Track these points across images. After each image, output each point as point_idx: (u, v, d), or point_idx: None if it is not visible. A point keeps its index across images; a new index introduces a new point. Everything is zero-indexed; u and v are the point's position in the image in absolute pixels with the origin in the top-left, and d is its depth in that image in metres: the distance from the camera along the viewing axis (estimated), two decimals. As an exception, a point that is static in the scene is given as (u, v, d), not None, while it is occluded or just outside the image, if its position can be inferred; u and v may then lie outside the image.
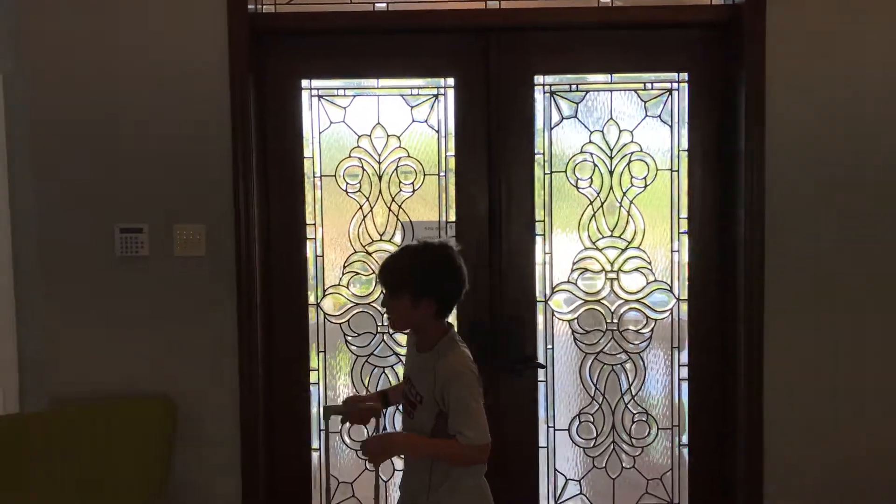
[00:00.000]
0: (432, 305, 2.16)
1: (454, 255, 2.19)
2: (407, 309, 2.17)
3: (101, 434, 2.65)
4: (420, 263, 2.18)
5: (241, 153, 2.83)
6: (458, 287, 2.20)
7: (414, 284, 2.14)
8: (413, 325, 2.25)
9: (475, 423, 2.12)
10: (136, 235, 2.83)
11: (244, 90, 2.83)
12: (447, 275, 2.18)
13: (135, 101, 2.83)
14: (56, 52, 2.84)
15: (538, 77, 3.01)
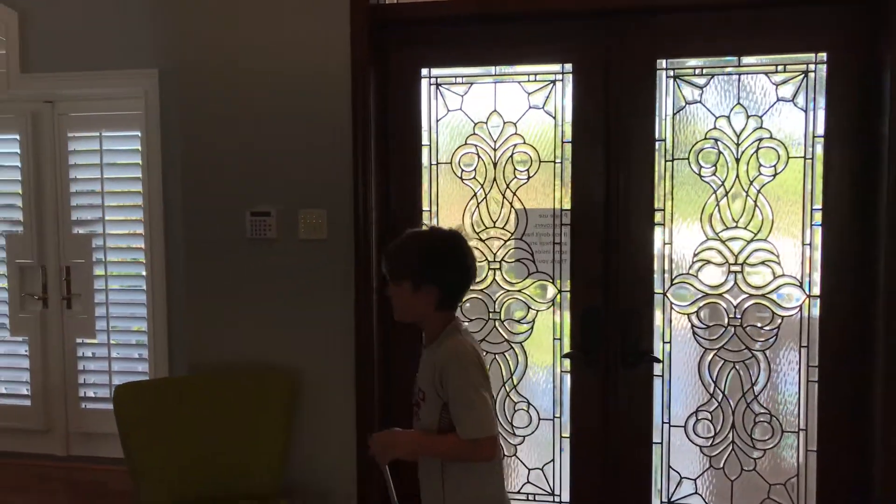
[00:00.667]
0: (434, 295, 2.05)
1: (461, 244, 2.09)
2: (408, 297, 2.06)
3: (231, 400, 2.85)
4: (422, 250, 2.08)
5: (361, 142, 2.94)
6: (463, 277, 2.09)
7: (414, 271, 2.04)
8: (415, 316, 2.12)
9: (474, 414, 1.96)
10: (264, 219, 3.02)
11: (365, 80, 2.93)
12: (450, 263, 2.06)
13: (265, 95, 3.01)
14: (201, 52, 3.07)
15: (661, 61, 2.91)
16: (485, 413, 1.96)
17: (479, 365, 2.01)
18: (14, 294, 4.20)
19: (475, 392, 1.96)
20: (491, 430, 1.96)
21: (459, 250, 2.07)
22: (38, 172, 4.14)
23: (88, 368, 4.18)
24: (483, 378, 2.01)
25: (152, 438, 2.69)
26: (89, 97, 4.03)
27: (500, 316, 3.09)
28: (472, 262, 2.09)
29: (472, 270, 2.09)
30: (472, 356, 2.00)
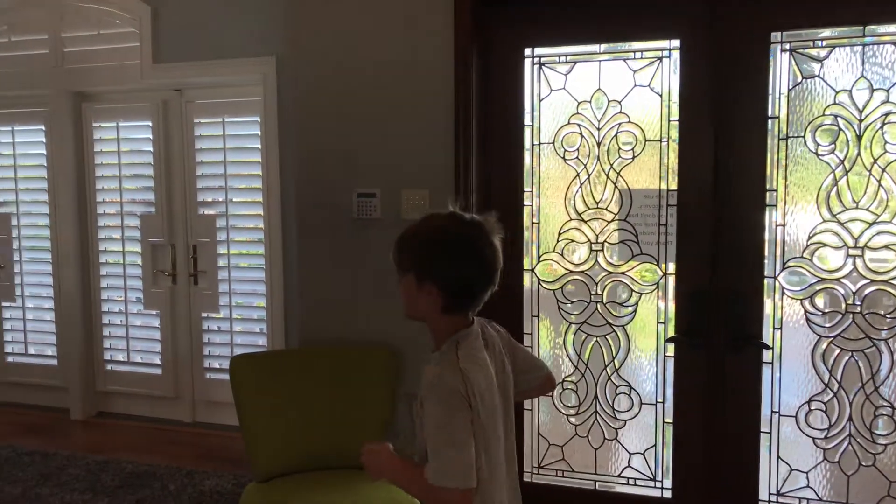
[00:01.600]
0: (435, 294, 1.66)
1: (474, 237, 1.66)
2: (412, 293, 1.70)
3: (338, 373, 2.97)
4: (426, 240, 1.69)
5: (463, 122, 2.97)
6: (469, 277, 1.66)
7: (416, 265, 1.68)
8: (420, 315, 1.74)
9: (439, 460, 1.58)
10: (370, 199, 3.11)
11: (468, 61, 2.96)
12: (456, 260, 1.65)
13: (371, 78, 3.10)
14: (312, 39, 3.18)
15: (775, 34, 2.77)
16: (453, 460, 1.57)
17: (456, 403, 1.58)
18: (147, 271, 4.53)
19: (448, 432, 1.58)
20: (457, 481, 1.56)
21: (470, 245, 1.65)
22: (168, 157, 4.44)
23: (213, 341, 4.47)
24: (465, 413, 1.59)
25: (264, 407, 2.84)
26: (213, 85, 4.28)
27: (603, 298, 3.05)
28: (489, 261, 1.66)
29: (485, 271, 1.66)
30: (450, 390, 1.59)
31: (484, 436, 1.63)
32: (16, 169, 4.76)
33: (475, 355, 1.68)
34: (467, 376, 1.61)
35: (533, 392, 1.99)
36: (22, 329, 4.86)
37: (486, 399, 1.63)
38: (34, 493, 3.57)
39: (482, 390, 1.63)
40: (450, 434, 1.58)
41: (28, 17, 4.57)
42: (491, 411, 1.66)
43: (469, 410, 1.59)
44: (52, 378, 4.78)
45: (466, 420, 1.58)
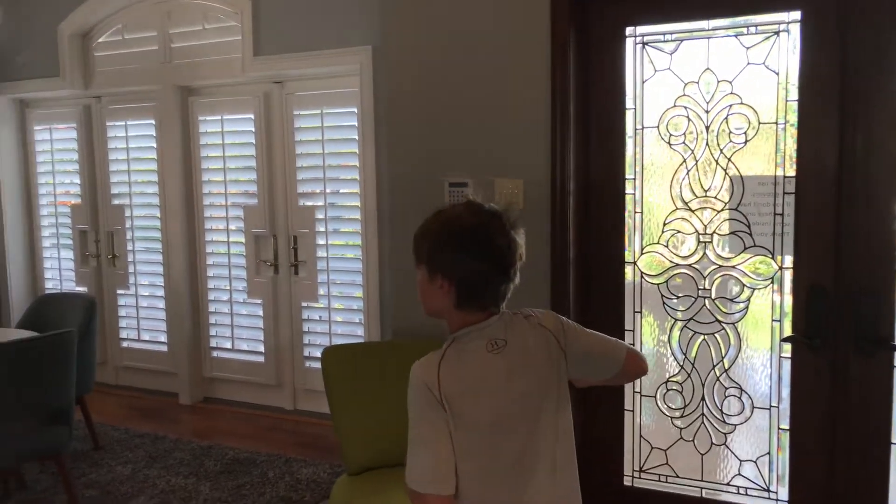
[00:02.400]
0: (447, 288, 1.57)
1: (487, 227, 1.55)
2: (425, 286, 1.62)
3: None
4: (437, 231, 1.60)
5: (560, 107, 2.82)
6: (481, 271, 1.55)
7: (427, 256, 1.60)
8: (435, 310, 1.64)
9: (411, 459, 1.52)
10: (462, 189, 3.02)
11: (564, 43, 2.81)
12: (463, 250, 1.55)
13: (463, 64, 2.99)
14: (407, 25, 3.11)
15: (914, -1, 2.47)
16: (421, 464, 1.50)
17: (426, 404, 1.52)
18: (251, 260, 4.63)
19: (414, 435, 1.53)
20: (426, 485, 1.49)
21: (483, 235, 1.54)
22: (270, 149, 4.50)
23: (312, 330, 4.51)
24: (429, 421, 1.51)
25: (354, 399, 2.81)
26: (311, 77, 4.30)
27: (711, 294, 2.84)
28: (502, 253, 1.55)
29: (498, 264, 1.56)
30: (422, 389, 1.52)
31: (468, 440, 1.53)
32: (129, 162, 4.96)
33: (467, 356, 1.58)
34: (442, 377, 1.52)
35: (620, 378, 1.77)
36: (135, 316, 5.08)
37: (470, 401, 1.53)
38: (142, 474, 3.70)
39: (462, 392, 1.53)
40: (418, 435, 1.52)
41: (139, 16, 4.74)
42: (487, 413, 1.55)
43: (442, 411, 1.50)
44: (163, 363, 4.97)
45: (438, 421, 1.50)
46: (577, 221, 2.92)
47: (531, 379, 1.61)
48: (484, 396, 1.55)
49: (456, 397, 1.51)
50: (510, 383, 1.58)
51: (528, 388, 1.60)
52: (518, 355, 1.61)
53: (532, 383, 1.61)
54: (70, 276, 5.31)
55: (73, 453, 3.97)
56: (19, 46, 5.09)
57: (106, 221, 5.10)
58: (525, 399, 1.60)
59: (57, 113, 5.24)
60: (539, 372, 1.63)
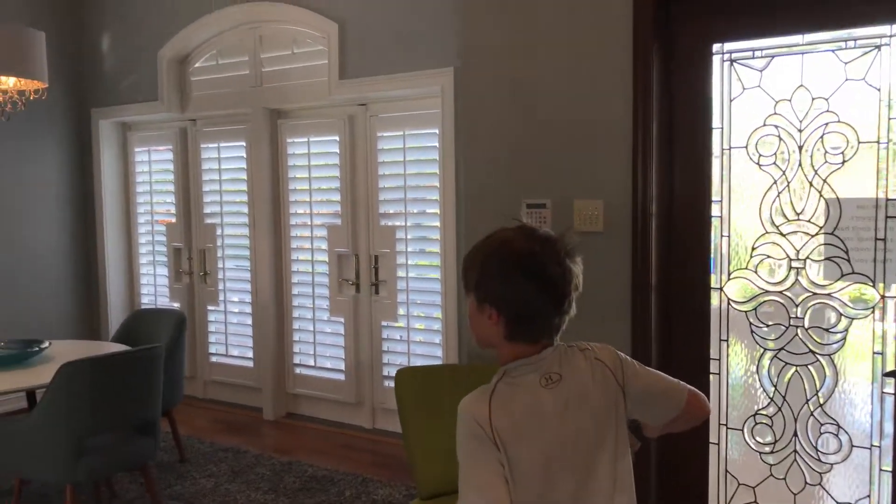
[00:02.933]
0: (495, 318, 1.45)
1: (539, 254, 1.43)
2: (475, 315, 1.50)
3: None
4: (484, 257, 1.48)
5: (642, 127, 2.74)
6: (532, 301, 1.43)
7: (475, 284, 1.48)
8: (485, 341, 1.53)
9: (463, 496, 1.42)
10: (540, 210, 2.97)
11: (647, 60, 2.74)
12: (513, 278, 1.43)
13: (543, 83, 2.96)
14: (486, 47, 3.11)
15: None
16: (475, 495, 1.40)
17: (478, 440, 1.42)
18: (333, 279, 4.69)
19: (464, 474, 1.44)
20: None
21: (533, 262, 1.43)
22: (353, 170, 4.56)
23: (392, 349, 4.53)
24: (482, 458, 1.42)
25: (426, 421, 2.78)
26: (395, 98, 4.34)
27: (805, 322, 2.68)
28: (554, 282, 1.44)
29: (550, 294, 1.44)
30: (473, 425, 1.43)
31: (521, 481, 1.42)
32: (221, 183, 5.13)
33: (519, 391, 1.47)
34: (493, 412, 1.42)
35: (680, 421, 1.64)
36: (224, 331, 5.22)
37: (522, 439, 1.43)
38: (224, 488, 3.78)
39: (514, 428, 1.42)
40: (471, 477, 1.42)
41: (232, 41, 4.92)
42: (539, 452, 1.44)
43: (495, 450, 1.40)
44: (249, 379, 5.09)
45: (492, 462, 1.40)
46: (659, 245, 2.82)
47: (587, 416, 1.50)
48: (537, 434, 1.45)
49: (508, 434, 1.42)
50: (565, 420, 1.48)
51: (583, 425, 1.50)
52: (574, 391, 1.49)
53: (587, 420, 1.50)
54: (164, 292, 5.52)
55: (161, 465, 4.10)
56: (123, 72, 5.37)
57: (199, 239, 5.29)
58: (580, 437, 1.49)
59: (155, 135, 5.48)
60: (595, 408, 1.50)
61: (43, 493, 3.71)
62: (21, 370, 3.42)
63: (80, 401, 3.00)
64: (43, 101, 5.04)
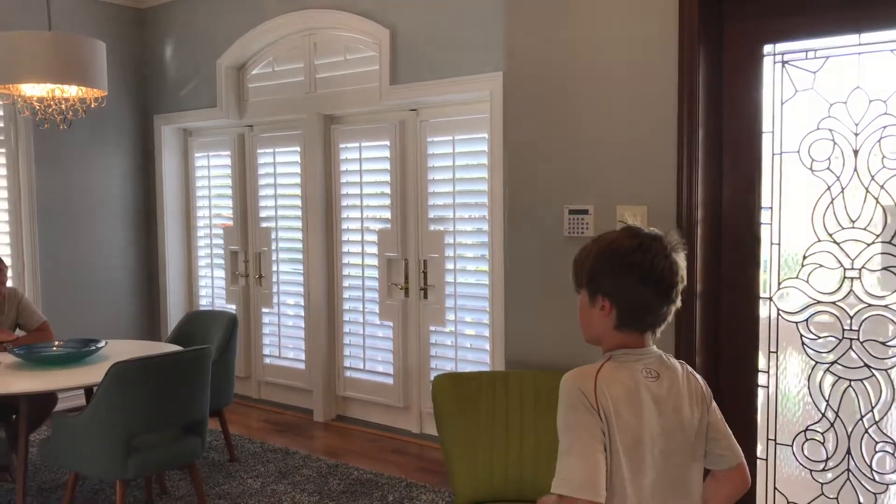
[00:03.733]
0: (608, 308, 1.56)
1: (647, 249, 1.53)
2: (585, 310, 1.61)
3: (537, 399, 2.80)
4: (598, 254, 1.58)
5: (687, 130, 2.66)
6: (643, 293, 1.53)
7: (589, 279, 1.59)
8: (594, 334, 1.63)
9: (563, 464, 1.46)
10: (582, 216, 2.91)
11: (693, 62, 2.65)
12: (625, 271, 1.53)
13: (586, 88, 2.90)
14: (530, 51, 3.07)
15: None
16: (574, 467, 1.45)
17: (583, 409, 1.48)
18: (383, 283, 4.72)
19: (568, 441, 1.48)
20: (578, 490, 1.42)
21: (643, 257, 1.53)
22: (403, 174, 4.58)
23: (439, 354, 4.52)
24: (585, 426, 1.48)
25: (464, 428, 2.76)
26: (445, 103, 4.34)
27: (860, 335, 2.55)
28: (663, 274, 1.54)
29: (660, 285, 1.54)
30: (578, 395, 1.49)
31: (620, 459, 1.49)
32: (276, 187, 5.22)
33: (622, 373, 1.54)
34: (598, 386, 1.50)
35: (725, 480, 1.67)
36: (277, 333, 5.31)
37: (625, 419, 1.50)
38: (270, 489, 3.84)
39: (618, 405, 1.50)
40: (572, 440, 1.48)
41: (288, 48, 5.01)
42: (630, 434, 1.50)
43: (599, 420, 1.48)
44: (300, 380, 5.16)
45: (594, 428, 1.48)
46: (705, 252, 2.73)
47: (678, 421, 1.57)
48: (634, 417, 1.52)
49: (610, 409, 1.49)
50: (660, 415, 1.55)
51: (671, 427, 1.56)
52: (670, 393, 1.58)
53: (676, 423, 1.57)
54: (221, 294, 5.65)
55: (211, 463, 4.18)
56: (184, 80, 5.53)
57: (254, 243, 5.40)
58: (667, 436, 1.55)
59: (214, 141, 5.62)
60: (686, 418, 1.59)
61: (99, 489, 3.84)
62: (78, 368, 3.55)
63: (129, 400, 3.09)
64: (110, 109, 5.24)
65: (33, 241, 5.14)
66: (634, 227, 1.60)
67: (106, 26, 5.42)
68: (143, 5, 5.65)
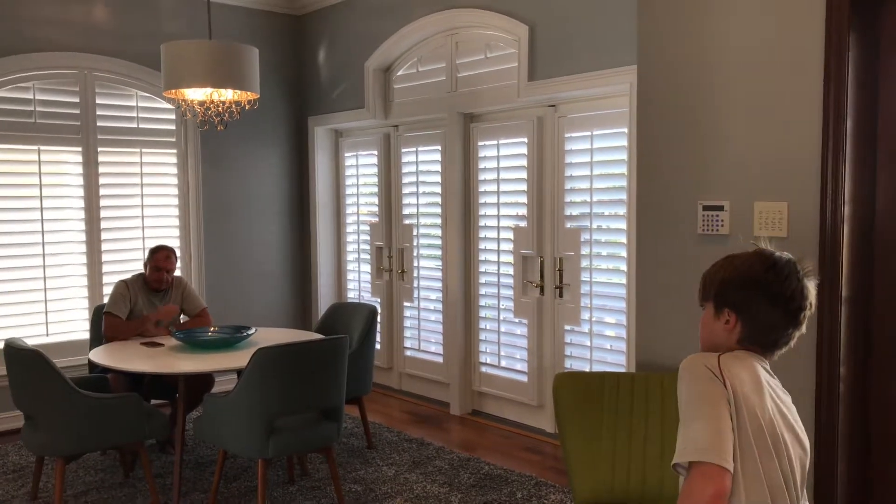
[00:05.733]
0: (735, 321, 1.58)
1: (780, 273, 1.56)
2: (709, 322, 1.64)
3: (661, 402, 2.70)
4: (731, 270, 1.62)
5: (833, 121, 2.46)
6: (769, 311, 1.55)
7: (717, 293, 1.62)
8: (715, 347, 1.63)
9: (691, 432, 1.45)
10: (717, 213, 2.77)
11: (841, 44, 2.45)
12: (758, 290, 1.56)
13: (723, 78, 2.76)
14: (663, 42, 2.96)
15: None
16: (702, 430, 1.43)
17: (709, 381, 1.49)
18: (518, 280, 4.71)
19: (694, 409, 1.48)
20: (707, 454, 1.40)
21: (774, 275, 1.56)
22: (540, 171, 4.56)
23: (574, 354, 4.46)
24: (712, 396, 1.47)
25: (583, 428, 2.70)
26: (583, 98, 4.27)
27: None
28: (793, 298, 1.56)
29: (789, 310, 1.56)
30: (705, 369, 1.51)
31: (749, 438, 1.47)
32: (418, 185, 5.36)
33: (745, 362, 1.55)
34: (725, 363, 1.52)
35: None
36: (417, 327, 5.45)
37: (751, 401, 1.49)
38: (403, 477, 3.95)
39: (744, 386, 1.49)
40: (696, 409, 1.47)
41: (431, 49, 5.12)
42: (756, 418, 1.48)
43: (724, 389, 1.48)
44: (438, 373, 5.26)
45: (720, 398, 1.47)
46: (853, 253, 2.51)
47: (791, 418, 1.59)
48: (759, 404, 1.50)
49: (737, 386, 1.49)
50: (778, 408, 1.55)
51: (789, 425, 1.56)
52: (784, 396, 1.62)
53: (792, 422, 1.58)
54: (367, 288, 5.88)
55: (349, 449, 4.36)
56: (335, 83, 5.79)
57: (398, 239, 5.57)
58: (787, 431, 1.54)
59: (362, 141, 5.85)
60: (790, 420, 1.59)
61: (247, 466, 4.11)
62: (229, 353, 3.83)
63: (270, 384, 3.29)
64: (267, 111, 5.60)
65: (199, 234, 5.59)
66: (766, 251, 1.62)
67: (264, 33, 5.79)
68: (299, 12, 5.98)
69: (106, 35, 5.11)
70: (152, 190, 5.40)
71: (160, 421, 3.60)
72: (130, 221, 5.31)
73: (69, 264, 5.07)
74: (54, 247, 5.00)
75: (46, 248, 4.96)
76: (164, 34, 5.18)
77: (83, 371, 4.32)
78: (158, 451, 4.29)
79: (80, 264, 5.10)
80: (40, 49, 4.85)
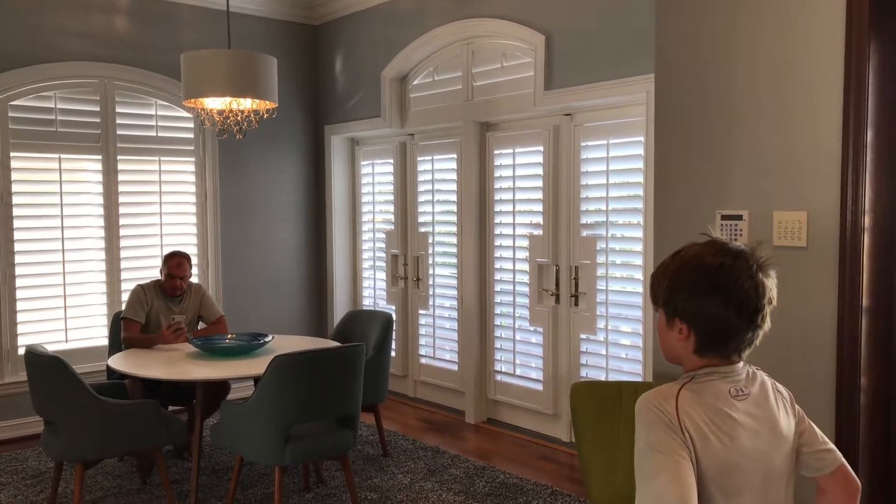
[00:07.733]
0: (687, 331, 1.44)
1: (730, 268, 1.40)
2: (664, 330, 1.50)
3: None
4: (674, 272, 1.46)
5: (853, 128, 2.45)
6: (723, 316, 1.40)
7: (664, 299, 1.47)
8: (674, 357, 1.52)
9: (654, 483, 1.33)
10: (735, 223, 2.76)
11: (860, 60, 2.44)
12: (702, 292, 1.40)
13: (741, 85, 2.75)
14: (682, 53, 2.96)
15: None
16: (667, 485, 1.31)
17: (667, 430, 1.37)
18: (533, 289, 4.71)
19: (653, 460, 1.36)
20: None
21: (724, 276, 1.40)
22: (556, 180, 4.56)
23: (589, 363, 4.45)
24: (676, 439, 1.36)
25: (599, 437, 2.70)
26: (599, 107, 4.28)
27: None
28: (746, 296, 1.40)
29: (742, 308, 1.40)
30: (659, 415, 1.38)
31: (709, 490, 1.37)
32: (433, 193, 5.37)
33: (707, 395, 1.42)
34: (680, 407, 1.38)
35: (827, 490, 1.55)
36: (432, 335, 5.45)
37: (713, 446, 1.38)
38: (418, 485, 3.94)
39: (698, 427, 1.38)
40: (661, 460, 1.34)
41: (448, 57, 5.14)
42: (715, 459, 1.38)
43: (683, 439, 1.36)
44: (453, 381, 5.26)
45: (680, 449, 1.35)
46: (875, 263, 2.50)
47: (775, 441, 1.47)
48: (725, 440, 1.40)
49: (695, 433, 1.38)
50: (756, 437, 1.44)
51: (768, 449, 1.45)
52: (763, 413, 1.47)
53: (775, 446, 1.46)
54: (382, 295, 5.89)
55: (365, 457, 4.37)
56: (351, 92, 5.83)
57: (413, 247, 5.58)
58: (765, 459, 1.44)
59: (378, 149, 5.88)
60: (782, 439, 1.48)
61: (263, 473, 4.12)
62: (246, 360, 3.85)
63: (287, 391, 3.30)
64: (285, 119, 5.64)
65: (216, 242, 5.63)
66: (718, 242, 1.46)
67: (282, 43, 5.84)
68: (316, 22, 6.03)
69: (126, 45, 5.18)
70: (170, 198, 5.45)
71: (177, 427, 3.62)
72: (149, 229, 5.36)
73: (88, 271, 5.12)
74: (74, 254, 5.05)
75: (66, 255, 5.01)
76: (184, 44, 5.23)
77: (101, 377, 4.36)
78: (175, 457, 4.32)
79: (100, 271, 5.15)
80: (61, 59, 4.92)
